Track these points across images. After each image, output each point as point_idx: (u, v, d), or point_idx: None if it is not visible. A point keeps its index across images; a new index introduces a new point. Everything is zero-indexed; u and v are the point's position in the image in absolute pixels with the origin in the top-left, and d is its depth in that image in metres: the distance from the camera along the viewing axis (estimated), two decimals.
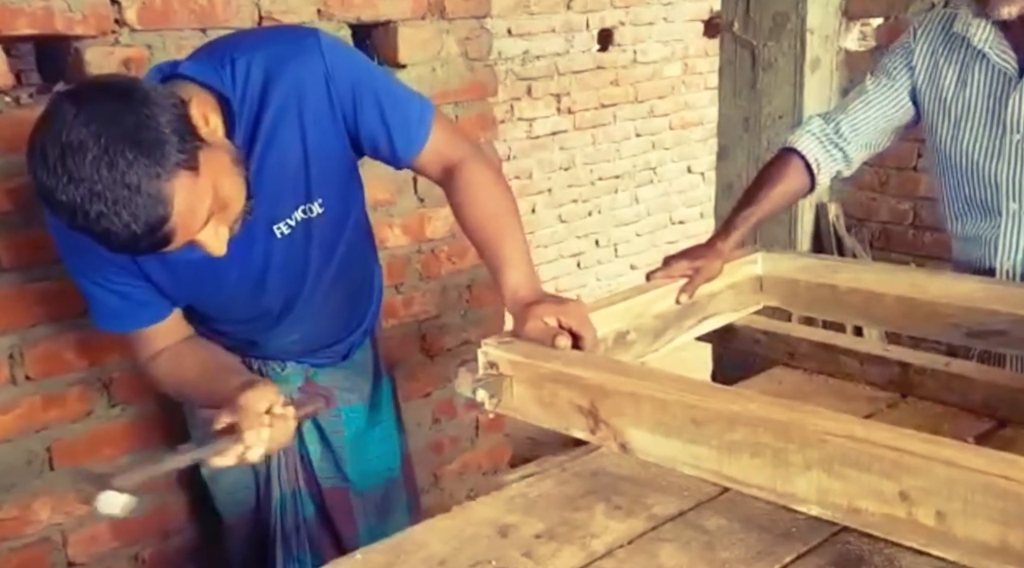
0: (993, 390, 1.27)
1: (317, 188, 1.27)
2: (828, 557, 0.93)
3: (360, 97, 1.23)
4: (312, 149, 1.24)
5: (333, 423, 1.50)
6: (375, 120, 1.25)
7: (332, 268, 1.38)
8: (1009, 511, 0.82)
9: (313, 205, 1.27)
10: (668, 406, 1.06)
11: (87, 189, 0.97)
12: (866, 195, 2.80)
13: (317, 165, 1.25)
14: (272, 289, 1.33)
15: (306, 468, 1.49)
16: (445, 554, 0.97)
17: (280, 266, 1.31)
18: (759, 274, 1.58)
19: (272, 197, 1.23)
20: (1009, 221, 1.51)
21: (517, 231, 1.28)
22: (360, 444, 1.53)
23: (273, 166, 1.22)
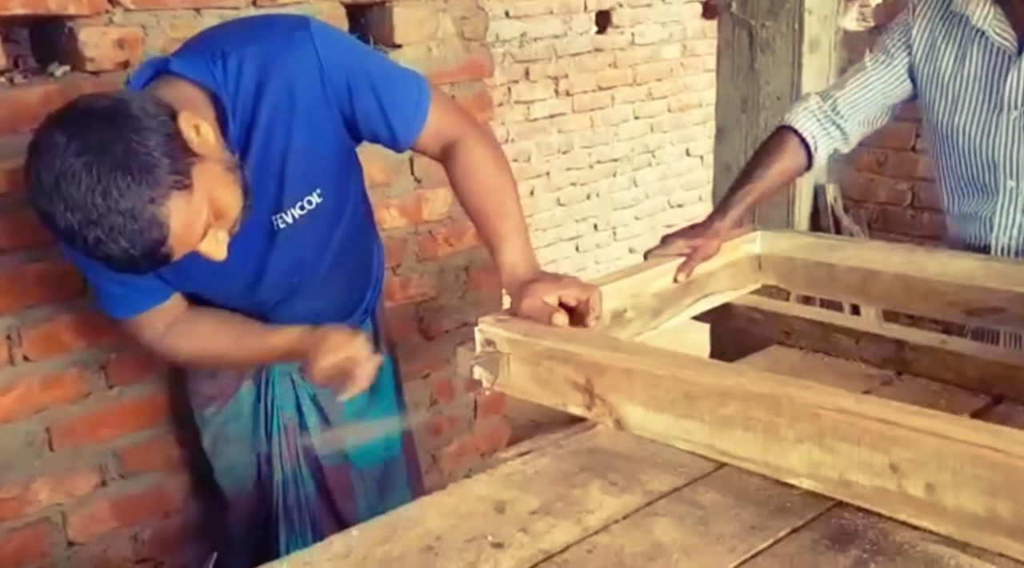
0: (988, 367, 1.27)
1: (315, 179, 1.28)
2: (822, 531, 0.94)
3: (355, 86, 1.23)
4: (308, 142, 1.24)
5: (331, 402, 1.50)
6: (372, 108, 1.25)
7: (331, 254, 1.39)
8: (997, 482, 0.83)
9: (312, 196, 1.28)
10: (661, 382, 1.07)
11: (83, 216, 1.00)
12: (864, 176, 2.80)
13: (314, 157, 1.25)
14: (274, 278, 1.35)
15: (307, 447, 1.50)
16: (441, 530, 0.98)
17: (281, 257, 1.32)
18: (757, 253, 1.59)
19: (271, 191, 1.24)
20: (1005, 199, 1.51)
21: (515, 208, 1.29)
22: (360, 422, 1.53)
23: (270, 161, 1.22)
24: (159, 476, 1.73)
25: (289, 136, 1.22)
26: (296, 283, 1.38)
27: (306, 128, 1.22)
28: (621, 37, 4.62)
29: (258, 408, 1.49)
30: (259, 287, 1.35)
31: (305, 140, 1.23)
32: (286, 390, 1.49)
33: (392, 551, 0.94)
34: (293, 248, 1.32)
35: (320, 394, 1.50)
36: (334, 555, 0.93)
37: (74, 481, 1.62)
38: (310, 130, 1.23)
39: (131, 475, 1.69)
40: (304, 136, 1.23)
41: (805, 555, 0.90)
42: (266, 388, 1.49)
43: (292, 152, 1.23)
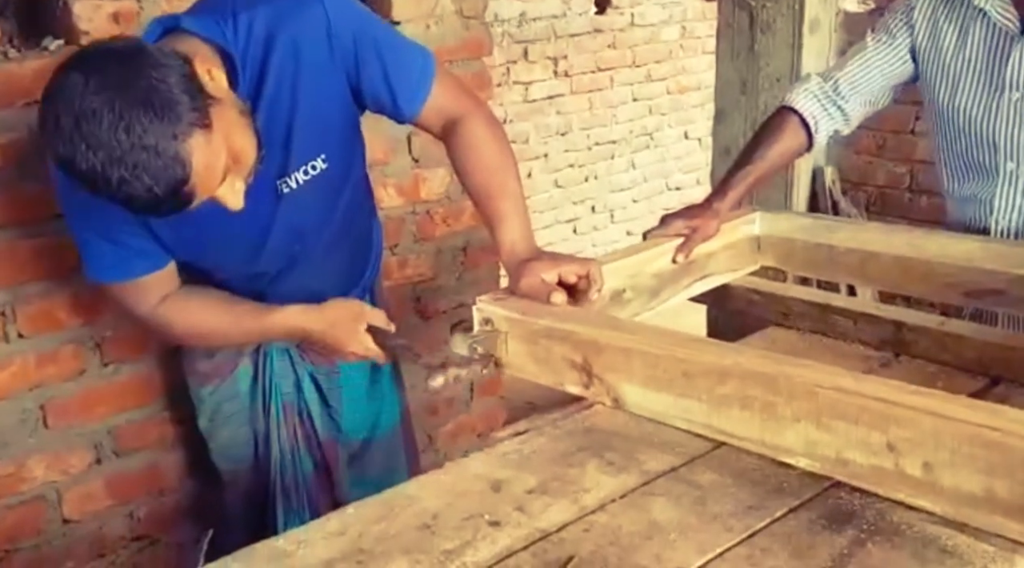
0: (986, 348, 1.27)
1: (321, 144, 1.27)
2: (819, 511, 0.94)
3: (362, 52, 1.23)
4: (315, 105, 1.24)
5: (330, 381, 1.50)
6: (377, 75, 1.25)
7: (334, 224, 1.39)
8: (994, 461, 0.83)
9: (317, 161, 1.28)
10: (659, 360, 1.06)
11: (106, 155, 0.98)
12: (863, 159, 2.79)
13: (320, 121, 1.26)
14: (276, 245, 1.34)
15: (304, 424, 1.50)
16: (438, 508, 0.97)
17: (284, 222, 1.31)
18: (757, 234, 1.58)
19: (276, 154, 1.23)
20: (1005, 181, 1.51)
21: (516, 187, 1.28)
22: (358, 403, 1.53)
23: (277, 122, 1.22)
24: (154, 454, 1.72)
25: (296, 97, 1.22)
26: (297, 252, 1.37)
27: (313, 90, 1.22)
28: (620, 18, 4.58)
29: (255, 386, 1.49)
30: (261, 255, 1.34)
31: (312, 102, 1.23)
32: (284, 368, 1.48)
33: (388, 529, 0.94)
34: (296, 214, 1.31)
35: (318, 371, 1.49)
36: (329, 533, 0.93)
37: (69, 459, 1.62)
38: (317, 92, 1.23)
39: (126, 453, 1.69)
40: (311, 98, 1.23)
41: (802, 535, 0.90)
42: (264, 366, 1.48)
43: (299, 114, 1.23)
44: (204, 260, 1.35)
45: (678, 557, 0.87)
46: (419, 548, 0.90)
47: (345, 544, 0.91)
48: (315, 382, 1.49)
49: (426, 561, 0.88)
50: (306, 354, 1.48)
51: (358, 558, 0.89)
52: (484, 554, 0.89)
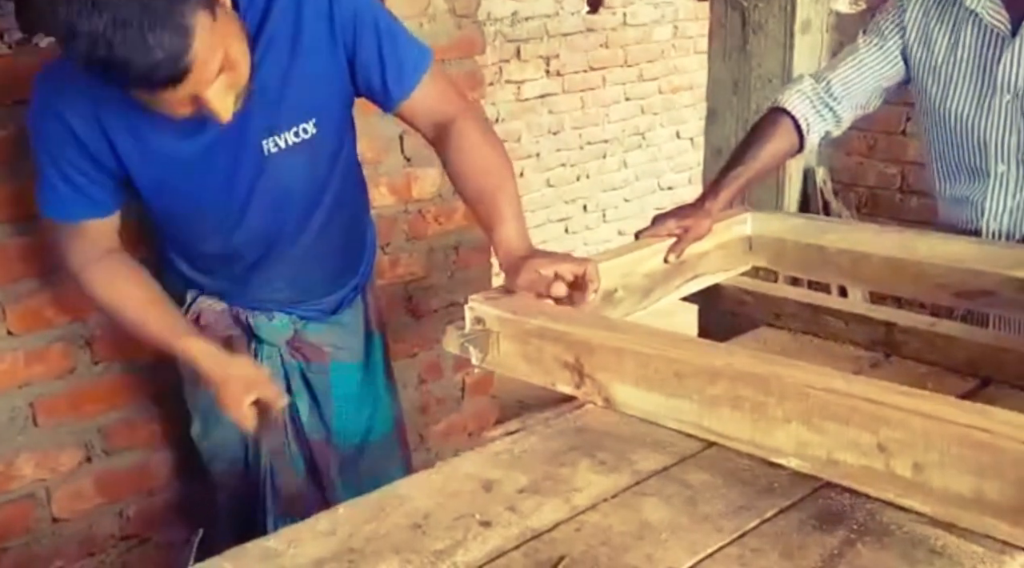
0: (977, 350, 1.27)
1: (312, 108, 1.28)
2: (810, 511, 0.94)
3: (361, 27, 1.26)
4: (311, 69, 1.25)
5: (321, 380, 1.49)
6: (372, 52, 1.27)
7: (323, 207, 1.38)
8: (985, 462, 0.83)
9: (307, 125, 1.27)
10: (651, 360, 1.07)
11: (111, 16, 1.00)
12: (854, 160, 2.79)
13: (315, 86, 1.26)
14: (256, 216, 1.32)
15: (295, 425, 1.49)
16: (429, 508, 0.97)
17: (267, 188, 1.30)
18: (748, 234, 1.58)
19: (266, 109, 1.24)
20: (996, 183, 1.51)
21: (512, 187, 1.29)
22: (349, 403, 1.52)
23: (270, 76, 1.23)
24: (144, 453, 1.72)
25: (293, 56, 1.24)
26: (278, 232, 1.35)
27: (310, 55, 1.24)
28: (613, 17, 4.58)
29: None
30: (240, 225, 1.32)
31: (308, 66, 1.24)
32: (273, 366, 1.47)
33: (379, 529, 0.93)
34: (280, 182, 1.30)
35: (308, 369, 1.48)
36: (320, 532, 0.93)
37: (58, 457, 1.61)
38: (314, 58, 1.24)
39: (116, 451, 1.69)
40: (307, 61, 1.24)
41: (792, 535, 0.90)
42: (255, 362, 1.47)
43: (293, 73, 1.24)
44: (181, 217, 1.32)
45: (669, 557, 0.87)
46: (410, 548, 0.90)
47: (335, 544, 0.91)
48: (305, 380, 1.49)
49: (417, 561, 0.88)
50: (296, 351, 1.47)
51: (348, 558, 0.88)
52: (475, 554, 0.89)
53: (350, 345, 1.52)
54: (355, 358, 1.53)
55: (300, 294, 1.45)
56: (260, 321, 1.44)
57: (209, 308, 1.44)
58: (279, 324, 1.45)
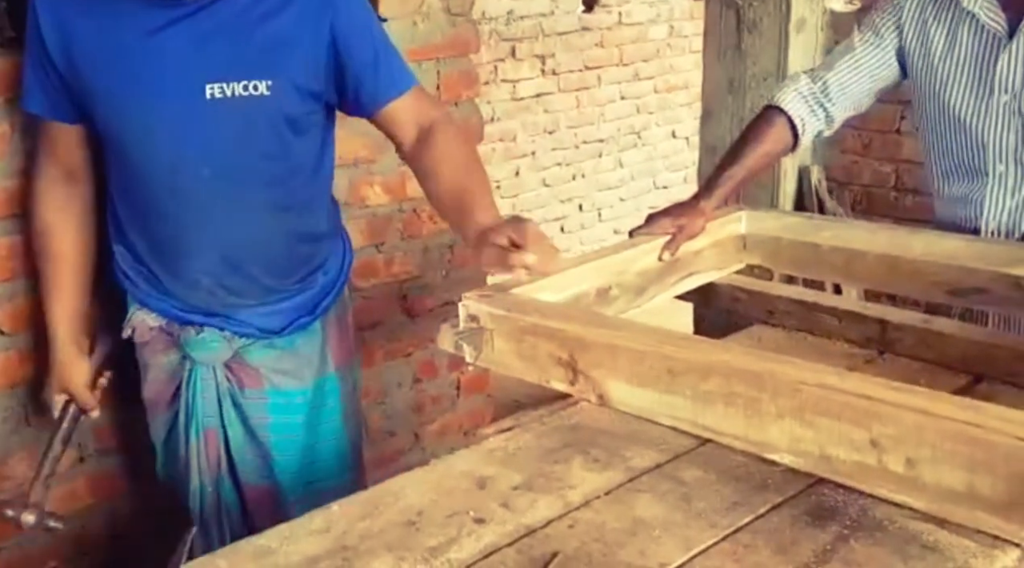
0: (970, 347, 1.28)
1: (272, 66, 1.23)
2: (803, 508, 0.94)
3: (357, 31, 1.28)
4: (284, 31, 1.23)
5: (255, 407, 1.38)
6: (367, 56, 1.28)
7: (264, 185, 1.31)
8: (977, 458, 0.83)
9: (260, 83, 1.22)
10: (645, 357, 1.07)
11: None
12: (848, 158, 2.80)
13: (281, 48, 1.23)
14: (192, 162, 1.25)
15: (229, 466, 1.39)
16: (422, 505, 0.97)
17: (206, 137, 1.24)
18: (743, 232, 1.59)
19: (221, 47, 1.21)
20: (995, 182, 1.51)
21: (487, 187, 1.29)
22: (295, 441, 1.41)
23: (238, 18, 1.21)
24: (137, 453, 1.71)
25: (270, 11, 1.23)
26: (210, 192, 1.27)
27: (290, 17, 1.23)
28: (608, 16, 4.59)
29: (178, 406, 1.41)
30: (179, 169, 1.26)
31: (282, 27, 1.23)
32: (208, 389, 1.38)
33: (373, 526, 0.93)
34: (220, 134, 1.24)
35: (242, 395, 1.38)
36: (314, 530, 0.93)
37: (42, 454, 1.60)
38: (292, 23, 1.23)
39: (108, 452, 1.68)
40: (283, 23, 1.23)
41: (785, 531, 0.90)
42: (187, 384, 1.39)
43: (264, 27, 1.22)
44: (123, 148, 1.28)
45: (662, 553, 0.87)
46: (404, 545, 0.90)
47: (329, 541, 0.91)
48: (239, 409, 1.38)
49: (411, 558, 0.88)
50: (231, 374, 1.37)
51: (343, 555, 0.88)
52: (469, 551, 0.89)
53: (296, 372, 1.41)
54: (299, 385, 1.41)
55: (227, 288, 1.34)
56: (189, 335, 1.37)
57: (143, 323, 1.39)
58: (209, 340, 1.36)
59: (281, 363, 1.41)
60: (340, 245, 1.50)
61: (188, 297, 1.36)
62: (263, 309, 1.38)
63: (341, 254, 1.50)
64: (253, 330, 1.38)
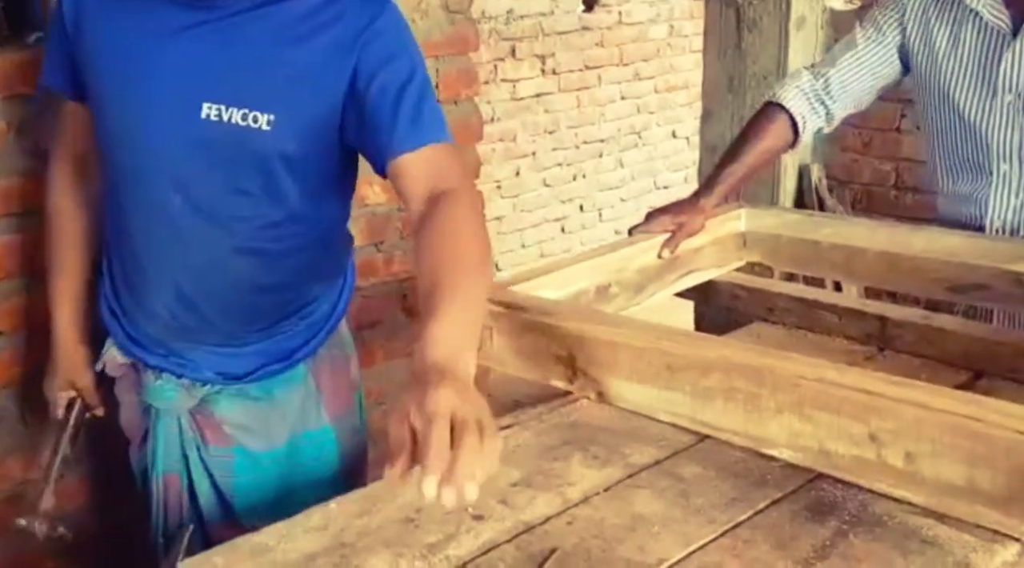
0: (970, 343, 1.28)
1: (278, 100, 1.08)
2: (802, 503, 0.94)
3: (391, 65, 1.09)
4: (309, 60, 1.08)
5: (220, 464, 1.25)
6: (391, 91, 1.07)
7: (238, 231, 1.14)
8: (976, 452, 0.83)
9: (260, 114, 1.07)
10: (644, 354, 1.06)
11: None
12: (849, 156, 2.80)
13: (292, 80, 1.08)
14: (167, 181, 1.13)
15: (193, 506, 1.27)
16: (421, 502, 0.94)
17: (187, 158, 1.10)
18: (742, 230, 1.59)
19: (225, 67, 1.08)
20: (1000, 181, 1.51)
21: (475, 291, 0.93)
22: (266, 500, 1.25)
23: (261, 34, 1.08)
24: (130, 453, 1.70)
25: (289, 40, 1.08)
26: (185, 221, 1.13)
27: (309, 51, 1.08)
28: (608, 16, 4.59)
29: (143, 451, 1.28)
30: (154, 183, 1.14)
31: (297, 57, 1.08)
32: (170, 438, 1.24)
33: (371, 523, 0.93)
34: (205, 161, 1.10)
35: (206, 450, 1.24)
36: (311, 527, 0.92)
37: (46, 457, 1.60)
38: (311, 56, 1.08)
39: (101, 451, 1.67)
40: (299, 54, 1.08)
41: (784, 527, 0.90)
42: (152, 428, 1.26)
43: (292, 53, 1.08)
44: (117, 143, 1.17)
45: (661, 549, 0.87)
46: (402, 542, 0.89)
47: (327, 538, 0.90)
48: (203, 461, 1.25)
49: (409, 554, 0.87)
50: (197, 424, 1.24)
51: (340, 552, 0.88)
52: (467, 547, 0.89)
53: (264, 430, 1.25)
54: (267, 446, 1.25)
55: (183, 330, 1.20)
56: (148, 381, 1.24)
57: (113, 360, 1.29)
58: (166, 388, 1.23)
59: (248, 417, 1.25)
60: (336, 287, 1.31)
61: (148, 327, 1.23)
62: (224, 350, 1.22)
63: (335, 297, 1.30)
64: (212, 375, 1.23)
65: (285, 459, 1.26)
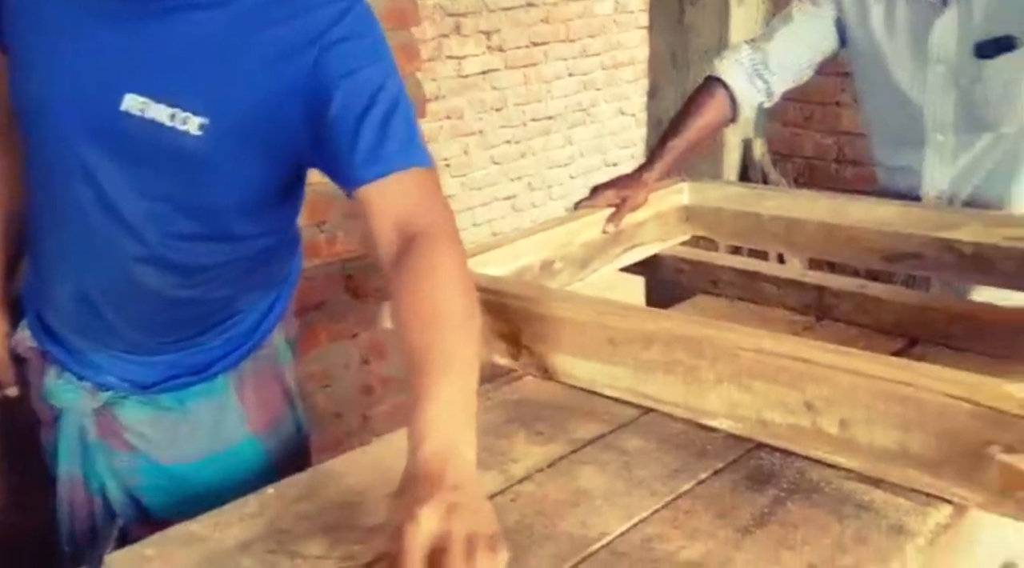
0: (905, 311, 1.30)
1: (215, 102, 0.94)
2: (742, 472, 0.95)
3: (356, 75, 0.95)
4: (258, 59, 0.94)
5: (128, 470, 1.13)
6: (356, 106, 0.94)
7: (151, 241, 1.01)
8: (908, 417, 0.84)
9: (191, 115, 0.94)
10: (586, 328, 1.06)
11: None
12: (790, 130, 2.83)
13: (245, 82, 0.94)
14: (78, 174, 1.00)
15: (101, 504, 1.15)
16: (363, 485, 0.95)
17: (104, 153, 0.98)
18: (685, 204, 1.59)
19: (158, 57, 0.94)
20: (934, 151, 1.53)
21: (462, 352, 0.84)
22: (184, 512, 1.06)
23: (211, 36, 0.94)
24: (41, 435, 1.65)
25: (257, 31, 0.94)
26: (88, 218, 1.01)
27: (272, 52, 0.94)
28: None
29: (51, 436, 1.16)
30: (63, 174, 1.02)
31: (259, 56, 0.94)
32: (70, 432, 1.13)
33: (310, 508, 0.91)
34: (123, 159, 0.98)
35: (110, 452, 1.13)
36: (247, 514, 0.90)
37: None
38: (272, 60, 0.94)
39: None
40: (263, 52, 0.94)
41: (725, 496, 0.90)
42: (54, 423, 1.15)
43: (241, 51, 0.94)
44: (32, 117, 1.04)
45: (603, 523, 0.87)
46: (342, 525, 0.88)
47: (263, 525, 0.88)
48: (111, 468, 1.14)
49: (349, 538, 0.86)
50: (100, 427, 1.12)
51: (277, 539, 0.86)
52: None
53: (174, 442, 1.13)
54: (177, 459, 1.13)
55: (87, 331, 1.09)
56: (49, 375, 1.13)
57: (23, 341, 1.16)
58: (65, 389, 1.12)
59: (154, 428, 1.12)
60: (268, 298, 1.18)
61: (51, 318, 1.12)
62: (130, 357, 1.11)
63: (266, 307, 1.18)
64: (115, 381, 1.11)
65: (201, 474, 1.13)
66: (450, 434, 0.77)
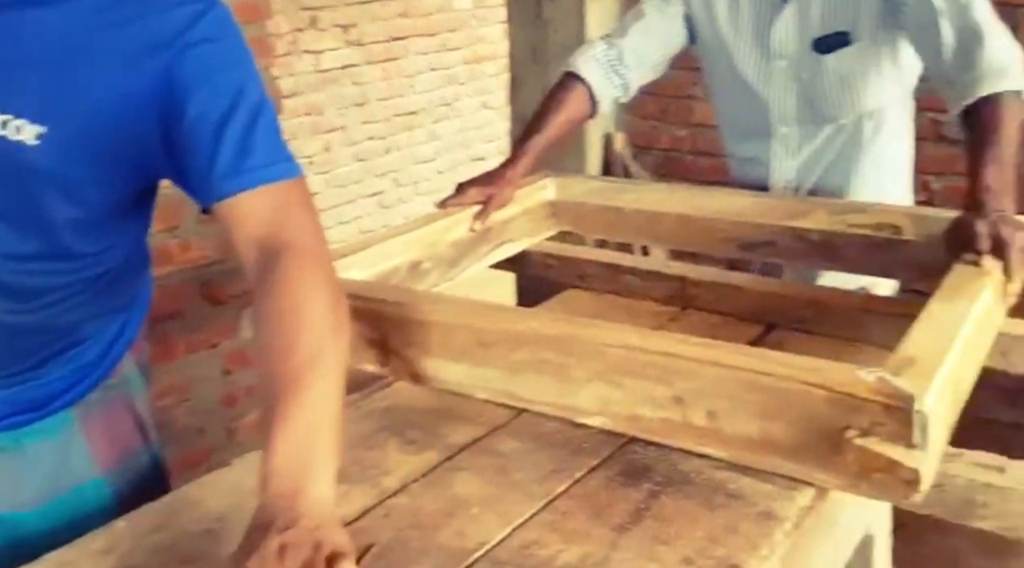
0: (762, 298, 1.35)
1: (54, 110, 0.86)
2: (617, 468, 0.95)
3: (213, 81, 0.88)
4: (103, 64, 0.86)
5: None
6: (212, 114, 0.87)
7: None
8: (769, 405, 0.87)
9: (26, 125, 0.86)
10: (455, 331, 1.04)
11: None
12: (649, 124, 2.91)
13: (89, 89, 0.87)
14: None
15: None
16: (223, 509, 0.89)
17: None
18: (551, 199, 1.60)
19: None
20: (779, 143, 1.60)
21: (319, 386, 0.78)
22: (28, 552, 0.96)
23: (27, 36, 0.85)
24: None
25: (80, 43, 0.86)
26: None
27: (119, 58, 0.86)
28: None
29: None
30: None
31: (104, 62, 0.86)
32: None
33: (165, 540, 0.85)
34: None
35: None
36: (94, 552, 0.83)
37: None
38: (118, 66, 0.87)
39: None
40: (108, 57, 0.86)
41: (601, 494, 0.90)
42: None
43: (85, 53, 0.86)
44: None
45: (481, 532, 0.85)
46: (201, 556, 0.82)
47: (113, 562, 0.81)
48: None
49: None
50: None
51: None
52: None
53: (11, 486, 1.03)
54: (12, 507, 1.03)
55: None
56: None
57: None
58: None
59: None
60: (116, 322, 1.09)
61: None
62: None
63: (113, 334, 1.09)
64: None
65: (41, 522, 1.02)
66: (302, 476, 0.73)
